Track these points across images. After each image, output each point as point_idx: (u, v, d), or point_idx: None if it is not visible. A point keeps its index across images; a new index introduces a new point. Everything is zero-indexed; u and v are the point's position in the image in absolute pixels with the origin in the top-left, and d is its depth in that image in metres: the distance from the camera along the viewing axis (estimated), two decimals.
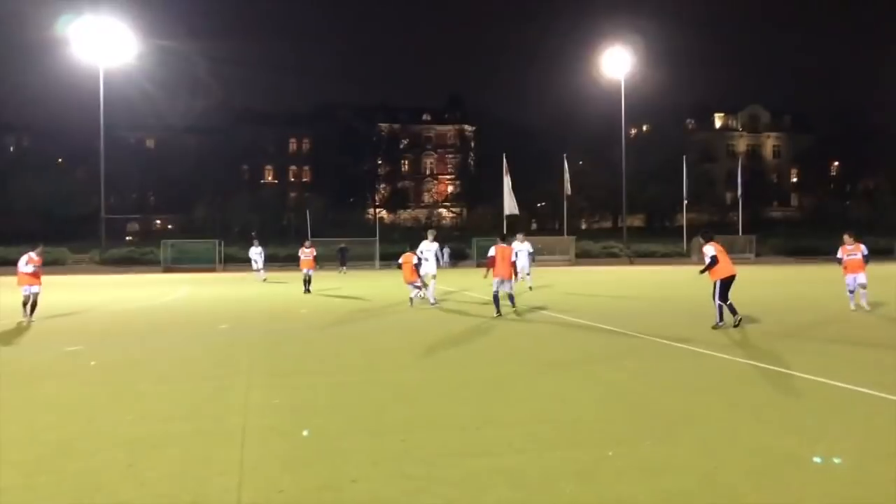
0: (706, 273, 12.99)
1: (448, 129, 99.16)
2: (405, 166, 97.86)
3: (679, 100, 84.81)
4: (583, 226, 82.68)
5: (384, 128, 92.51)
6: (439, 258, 23.70)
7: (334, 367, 9.45)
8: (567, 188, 55.04)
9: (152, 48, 61.63)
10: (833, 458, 5.30)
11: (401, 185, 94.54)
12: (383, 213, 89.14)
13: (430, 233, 19.65)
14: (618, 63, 59.47)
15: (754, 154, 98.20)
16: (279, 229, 67.80)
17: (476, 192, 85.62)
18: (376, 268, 48.02)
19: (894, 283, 22.40)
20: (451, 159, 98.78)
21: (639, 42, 64.69)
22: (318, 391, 7.85)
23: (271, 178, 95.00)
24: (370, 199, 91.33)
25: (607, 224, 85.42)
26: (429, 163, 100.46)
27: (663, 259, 54.24)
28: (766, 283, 26.45)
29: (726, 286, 12.69)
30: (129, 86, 62.98)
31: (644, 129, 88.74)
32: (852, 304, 16.01)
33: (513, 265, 15.85)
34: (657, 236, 67.38)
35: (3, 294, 20.32)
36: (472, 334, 12.86)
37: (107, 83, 50.71)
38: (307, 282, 24.02)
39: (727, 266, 12.85)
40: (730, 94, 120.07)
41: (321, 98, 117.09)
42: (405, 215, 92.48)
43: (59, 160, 77.20)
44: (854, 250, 16.20)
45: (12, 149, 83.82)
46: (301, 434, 6.05)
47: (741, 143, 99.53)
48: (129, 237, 75.69)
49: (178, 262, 47.36)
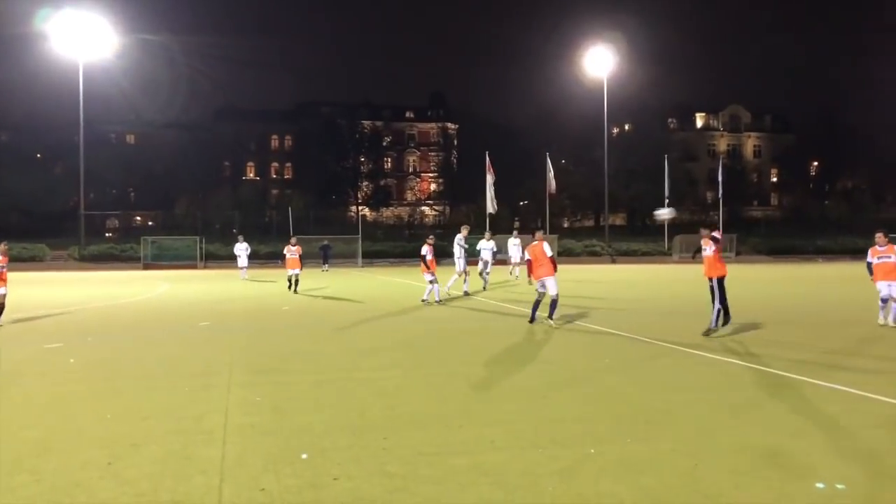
0: (701, 266, 12.20)
1: (431, 127, 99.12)
2: (388, 164, 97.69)
3: (661, 99, 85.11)
4: (565, 224, 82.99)
5: (367, 125, 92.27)
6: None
7: (316, 366, 9.42)
8: (551, 186, 55.18)
9: (133, 43, 61.09)
10: (814, 456, 5.36)
11: (383, 182, 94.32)
12: (366, 211, 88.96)
13: (465, 228, 21.60)
14: (600, 62, 59.73)
15: (735, 154, 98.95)
16: (261, 226, 67.46)
17: (458, 190, 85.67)
18: (359, 265, 47.94)
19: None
20: (433, 157, 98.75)
21: (621, 41, 64.99)
22: (299, 389, 7.82)
23: (253, 174, 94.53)
24: (353, 197, 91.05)
25: (589, 223, 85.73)
26: (411, 160, 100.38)
27: (645, 258, 54.59)
28: (746, 281, 26.65)
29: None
30: (109, 81, 62.53)
31: (626, 128, 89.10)
32: (881, 318, 13.30)
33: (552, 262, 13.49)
34: (639, 235, 67.76)
35: None
36: (453, 333, 12.87)
37: (86, 78, 50.24)
38: (294, 282, 22.64)
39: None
40: (711, 94, 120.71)
41: (303, 95, 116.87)
42: (388, 213, 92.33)
43: (38, 156, 76.33)
44: (887, 252, 13.15)
45: None
46: (284, 433, 6.02)
47: (722, 143, 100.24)
48: (108, 233, 75.09)
49: (159, 259, 47.05)
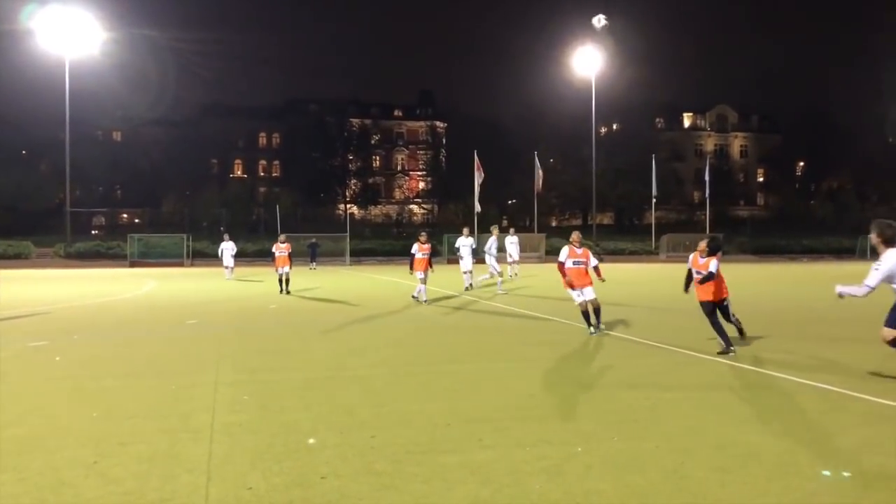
0: (691, 289, 10.68)
1: (419, 126, 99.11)
2: (376, 162, 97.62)
3: (648, 99, 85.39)
4: (553, 223, 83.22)
5: (355, 123, 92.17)
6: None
7: (303, 364, 9.41)
8: (539, 185, 55.29)
9: (119, 39, 60.69)
10: (798, 454, 5.40)
11: (372, 180, 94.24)
12: (354, 209, 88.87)
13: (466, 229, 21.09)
14: (588, 61, 59.86)
15: (722, 153, 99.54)
16: (249, 224, 67.29)
17: (447, 189, 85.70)
18: (347, 264, 47.88)
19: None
20: (422, 155, 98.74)
21: (609, 41, 65.25)
22: (286, 388, 7.81)
23: (241, 172, 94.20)
24: (341, 195, 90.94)
25: (577, 222, 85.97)
26: (400, 159, 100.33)
27: (632, 257, 54.82)
28: (732, 281, 26.71)
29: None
30: (96, 77, 62.06)
31: (614, 127, 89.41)
32: None
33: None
34: (626, 234, 68.08)
35: None
36: (441, 332, 12.89)
37: (72, 75, 49.87)
38: (285, 281, 21.55)
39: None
40: (698, 94, 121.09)
41: (292, 92, 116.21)
42: (376, 211, 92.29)
43: (24, 152, 75.79)
44: None
45: None
46: (271, 431, 6.02)
47: (709, 143, 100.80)
48: (95, 231, 74.70)
49: (146, 257, 46.82)
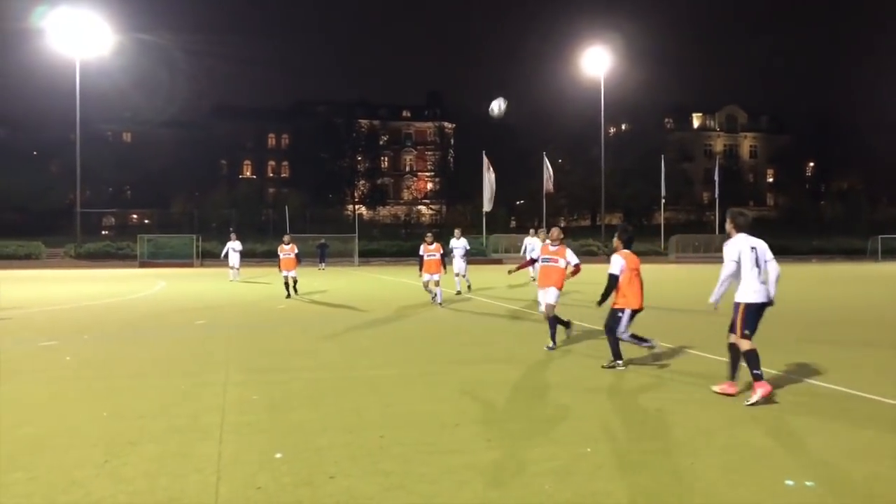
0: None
1: (427, 126, 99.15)
2: (385, 163, 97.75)
3: (657, 99, 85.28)
4: (562, 223, 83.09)
5: (364, 124, 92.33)
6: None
7: (312, 364, 9.43)
8: (549, 185, 55.24)
9: (130, 41, 61.05)
10: (807, 455, 5.38)
11: (380, 181, 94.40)
12: (362, 210, 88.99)
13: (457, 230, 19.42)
14: (597, 62, 59.77)
15: (731, 154, 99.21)
16: (258, 225, 67.46)
17: (455, 189, 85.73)
18: (356, 264, 47.94)
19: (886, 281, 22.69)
20: (430, 156, 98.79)
21: (618, 41, 65.29)
22: (295, 388, 7.83)
23: (250, 173, 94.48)
24: (349, 196, 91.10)
25: (586, 222, 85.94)
26: (408, 159, 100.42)
27: (641, 257, 54.35)
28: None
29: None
30: (106, 79, 62.45)
31: (623, 127, 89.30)
32: None
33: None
34: (635, 235, 67.79)
35: None
36: (449, 332, 12.89)
37: (83, 76, 50.13)
38: (291, 285, 20.47)
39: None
40: (707, 95, 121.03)
41: (300, 93, 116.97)
42: (384, 212, 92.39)
43: (35, 153, 76.21)
44: None
45: None
46: (280, 431, 6.04)
47: (718, 143, 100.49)
48: (105, 231, 75.01)
49: (155, 257, 47.05)
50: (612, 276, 8.87)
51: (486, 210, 50.31)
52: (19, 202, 65.58)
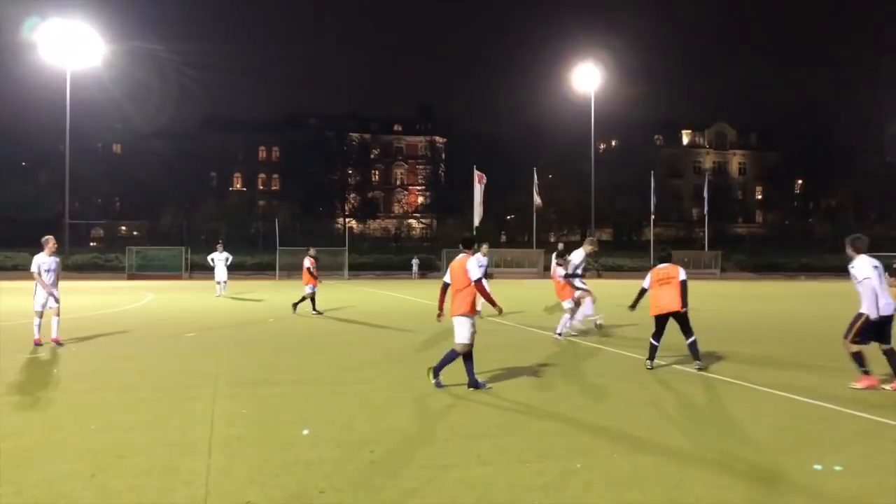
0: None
1: (419, 140, 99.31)
2: (375, 176, 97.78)
3: (647, 116, 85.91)
4: (552, 238, 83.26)
5: (354, 137, 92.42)
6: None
7: (301, 378, 9.39)
8: (537, 200, 55.40)
9: (120, 52, 60.94)
10: (797, 471, 5.40)
11: (371, 194, 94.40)
12: (353, 223, 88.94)
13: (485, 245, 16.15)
14: (588, 78, 60.15)
15: (720, 170, 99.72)
16: (247, 237, 67.30)
17: (446, 204, 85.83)
18: (345, 278, 47.86)
19: None
20: (421, 170, 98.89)
21: (609, 58, 65.69)
22: (285, 402, 7.80)
23: (240, 185, 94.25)
24: (340, 209, 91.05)
25: (575, 237, 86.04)
26: (399, 173, 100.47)
27: (630, 273, 54.71)
28: (731, 298, 26.84)
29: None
30: (97, 90, 62.20)
31: (613, 143, 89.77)
32: None
33: None
34: (625, 250, 68.13)
35: None
36: (441, 347, 12.86)
37: (73, 87, 50.04)
38: (310, 299, 19.21)
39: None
40: (697, 112, 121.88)
41: (291, 106, 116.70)
42: (375, 225, 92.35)
43: (23, 164, 75.87)
44: None
45: None
46: (269, 445, 6.01)
47: (708, 160, 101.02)
48: (93, 243, 74.64)
49: (144, 269, 46.81)
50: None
51: (475, 224, 50.28)
52: (8, 213, 65.17)
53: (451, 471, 5.35)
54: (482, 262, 13.58)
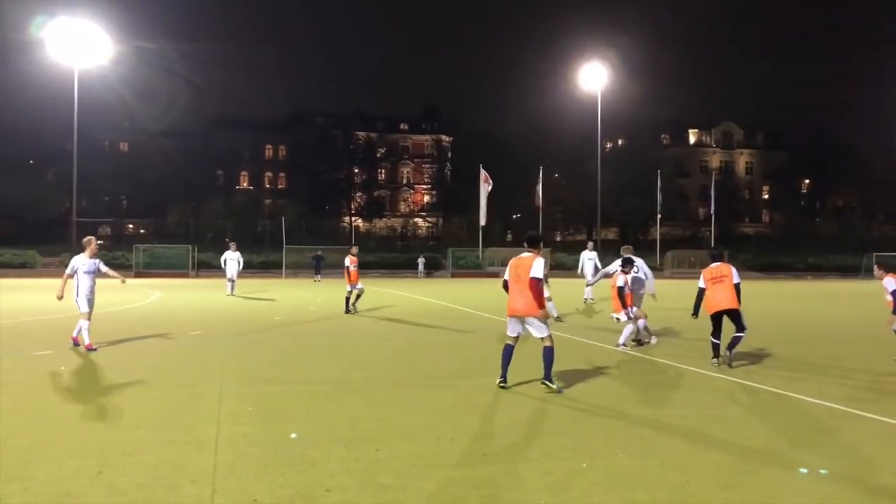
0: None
1: (425, 139, 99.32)
2: (382, 175, 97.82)
3: (654, 115, 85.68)
4: (557, 238, 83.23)
5: (361, 136, 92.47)
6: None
7: (307, 376, 9.40)
8: (538, 199, 55.35)
9: (128, 51, 61.08)
10: (801, 470, 5.39)
11: (377, 193, 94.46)
12: (359, 222, 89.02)
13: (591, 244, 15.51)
14: (594, 77, 59.99)
15: (727, 170, 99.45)
16: (254, 236, 67.42)
17: (452, 203, 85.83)
18: None
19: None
20: (427, 169, 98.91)
21: (615, 57, 65.56)
22: (290, 400, 7.81)
23: (246, 183, 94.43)
24: (346, 208, 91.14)
25: (582, 237, 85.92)
26: (405, 172, 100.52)
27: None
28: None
29: None
30: (104, 89, 62.36)
31: (619, 143, 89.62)
32: None
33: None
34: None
35: None
36: (446, 346, 12.87)
37: (81, 85, 50.09)
38: (353, 300, 18.95)
39: None
40: (704, 111, 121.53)
41: (298, 105, 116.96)
42: (381, 224, 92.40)
43: (31, 162, 76.17)
44: None
45: None
46: (275, 443, 6.01)
47: (714, 160, 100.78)
48: (100, 241, 74.69)
49: (151, 267, 46.87)
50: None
51: (482, 224, 50.30)
52: (15, 211, 65.45)
53: (457, 470, 5.34)
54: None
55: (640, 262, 13.04)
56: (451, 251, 52.62)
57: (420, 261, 51.22)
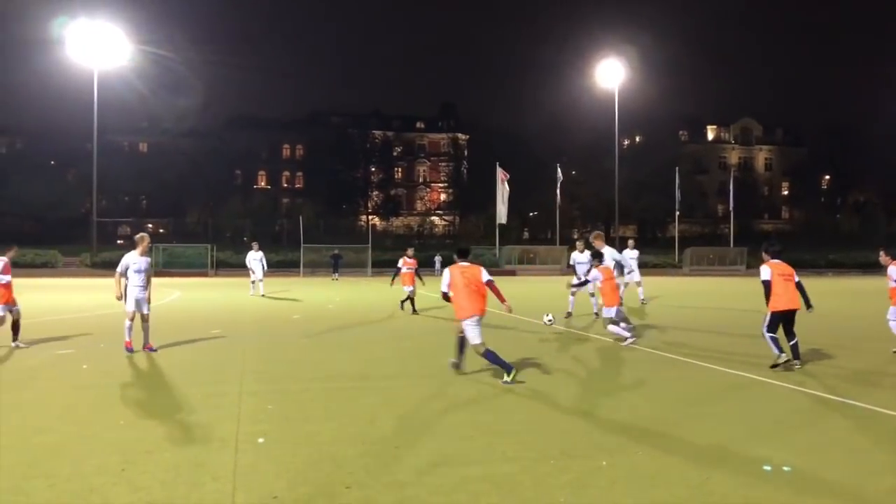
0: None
1: (441, 137, 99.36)
2: (398, 173, 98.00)
3: (672, 111, 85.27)
4: (575, 235, 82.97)
5: (377, 135, 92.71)
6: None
7: (327, 374, 9.44)
8: (558, 197, 55.25)
9: (147, 52, 61.43)
10: (825, 471, 5.35)
11: (394, 192, 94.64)
12: (376, 220, 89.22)
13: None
14: (611, 74, 59.76)
15: (746, 167, 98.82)
16: (272, 235, 67.75)
17: (468, 201, 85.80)
18: (368, 275, 48.00)
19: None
20: (443, 167, 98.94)
21: (632, 53, 65.20)
22: (309, 398, 7.85)
23: (264, 183, 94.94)
24: (363, 206, 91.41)
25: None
26: (422, 170, 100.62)
27: (655, 270, 54.37)
28: (758, 294, 26.49)
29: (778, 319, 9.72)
30: (123, 89, 62.88)
31: (637, 139, 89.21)
32: None
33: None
34: (649, 247, 67.62)
35: None
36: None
37: (101, 86, 50.59)
38: (410, 300, 18.72)
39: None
40: (722, 107, 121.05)
41: (315, 104, 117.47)
42: (398, 222, 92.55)
43: (52, 163, 76.96)
44: None
45: (5, 151, 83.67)
46: (295, 441, 6.05)
47: (733, 156, 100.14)
48: (120, 240, 75.49)
49: (170, 267, 47.27)
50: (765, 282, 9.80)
51: (501, 221, 50.18)
52: (37, 211, 66.18)
53: (476, 467, 5.36)
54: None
55: (609, 252, 13.49)
56: None
57: (437, 259, 51.22)
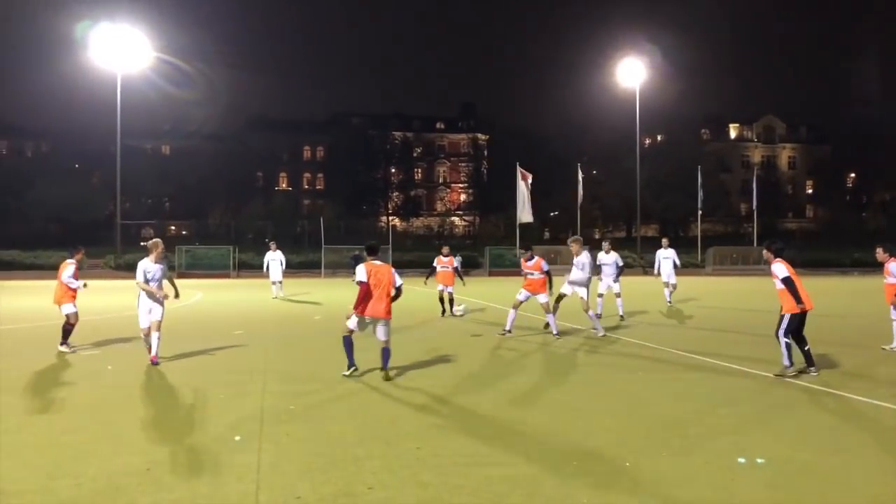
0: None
1: (461, 138, 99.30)
2: (418, 174, 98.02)
3: (694, 110, 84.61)
4: (596, 235, 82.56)
5: (398, 136, 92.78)
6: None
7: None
8: (580, 197, 54.94)
9: (169, 55, 61.93)
10: (849, 471, 5.28)
11: (414, 192, 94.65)
12: (396, 221, 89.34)
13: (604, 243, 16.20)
14: (632, 72, 59.35)
15: (769, 165, 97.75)
16: (293, 236, 68.07)
17: (488, 201, 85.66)
18: None
19: None
20: (463, 167, 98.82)
21: (654, 52, 64.75)
22: (331, 398, 7.88)
23: (285, 184, 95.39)
24: (383, 207, 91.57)
25: (621, 234, 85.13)
26: (442, 171, 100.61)
27: (677, 269, 54.03)
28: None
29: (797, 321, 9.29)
30: (146, 92, 63.44)
31: (658, 138, 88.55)
32: None
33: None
34: (671, 246, 67.20)
35: (25, 298, 20.43)
36: (486, 345, 12.86)
37: (124, 90, 51.02)
38: (448, 301, 18.13)
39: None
40: (745, 105, 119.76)
41: (335, 106, 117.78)
42: (418, 223, 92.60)
43: (76, 166, 77.84)
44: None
45: (30, 154, 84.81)
46: (318, 441, 6.07)
47: (756, 154, 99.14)
48: (143, 242, 76.20)
49: (193, 268, 47.61)
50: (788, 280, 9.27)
51: (527, 221, 49.84)
52: (61, 213, 66.92)
53: (498, 468, 5.35)
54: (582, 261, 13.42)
55: (586, 258, 13.42)
56: (488, 249, 52.49)
57: (457, 259, 51.31)
